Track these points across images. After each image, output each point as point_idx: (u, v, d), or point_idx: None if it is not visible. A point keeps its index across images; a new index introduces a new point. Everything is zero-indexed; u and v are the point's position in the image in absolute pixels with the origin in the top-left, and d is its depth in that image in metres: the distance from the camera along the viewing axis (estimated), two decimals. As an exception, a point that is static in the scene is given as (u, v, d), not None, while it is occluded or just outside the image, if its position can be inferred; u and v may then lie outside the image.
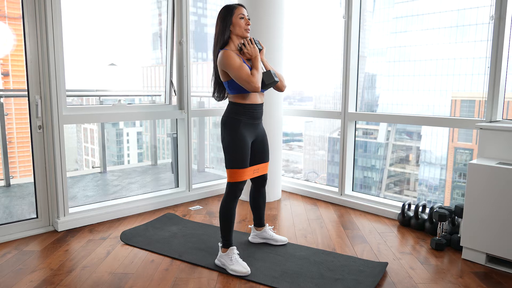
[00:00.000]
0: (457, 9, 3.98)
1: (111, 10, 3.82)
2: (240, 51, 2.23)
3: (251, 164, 2.37)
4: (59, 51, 2.70)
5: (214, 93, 2.38)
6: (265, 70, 2.27)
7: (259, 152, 2.40)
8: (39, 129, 2.73)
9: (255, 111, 2.29)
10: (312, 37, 4.76)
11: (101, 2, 3.74)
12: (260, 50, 2.29)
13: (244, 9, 2.26)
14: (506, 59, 2.55)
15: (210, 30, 5.02)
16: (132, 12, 3.96)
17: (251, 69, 2.18)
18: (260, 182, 2.51)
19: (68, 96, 3.40)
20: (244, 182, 2.28)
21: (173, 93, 3.47)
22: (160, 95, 3.64)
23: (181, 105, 3.47)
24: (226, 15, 2.22)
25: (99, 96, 3.94)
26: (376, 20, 4.74)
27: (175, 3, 3.34)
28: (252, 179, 2.49)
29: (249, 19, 2.26)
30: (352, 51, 3.36)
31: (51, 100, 2.71)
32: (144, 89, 4.33)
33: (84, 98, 4.04)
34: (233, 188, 2.26)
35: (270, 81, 2.23)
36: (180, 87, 3.45)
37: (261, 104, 2.33)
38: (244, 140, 2.23)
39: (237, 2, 3.42)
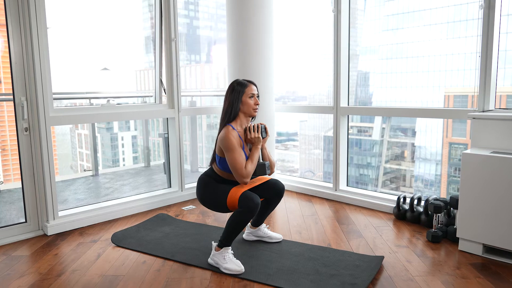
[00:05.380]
0: (448, 5, 3.98)
1: (104, 15, 3.84)
2: (245, 132, 2.27)
3: None
4: (44, 52, 2.66)
5: (211, 163, 2.37)
6: (261, 161, 2.30)
7: None
8: (26, 131, 2.68)
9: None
10: (305, 36, 4.74)
11: (94, 8, 3.75)
12: (263, 138, 2.32)
13: (255, 87, 2.32)
14: (497, 47, 2.53)
15: (202, 32, 4.99)
16: (124, 16, 3.97)
17: (247, 157, 2.23)
18: (273, 193, 2.44)
19: (58, 98, 3.35)
20: (250, 192, 2.18)
21: (163, 92, 3.42)
22: (151, 96, 3.59)
23: (171, 104, 3.43)
24: (238, 92, 2.27)
25: (89, 98, 3.89)
26: (368, 18, 4.72)
27: (163, 1, 3.30)
28: (265, 192, 2.43)
29: (258, 97, 2.32)
30: (342, 44, 3.33)
31: (37, 101, 2.66)
32: (138, 92, 4.29)
33: (78, 102, 3.99)
34: (245, 201, 2.13)
35: (261, 174, 2.29)
36: (170, 86, 3.40)
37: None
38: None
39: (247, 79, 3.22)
